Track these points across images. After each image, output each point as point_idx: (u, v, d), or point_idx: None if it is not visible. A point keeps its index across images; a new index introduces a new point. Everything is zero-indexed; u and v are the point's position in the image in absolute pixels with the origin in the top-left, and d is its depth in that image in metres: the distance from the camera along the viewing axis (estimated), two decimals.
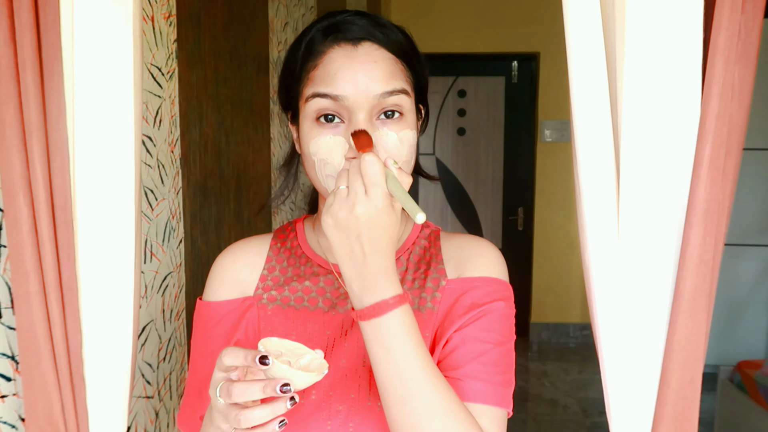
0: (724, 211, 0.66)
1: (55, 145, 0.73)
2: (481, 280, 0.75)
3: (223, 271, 0.82)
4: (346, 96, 0.68)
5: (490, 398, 0.68)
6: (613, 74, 0.67)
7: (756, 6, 0.64)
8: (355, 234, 0.60)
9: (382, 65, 0.70)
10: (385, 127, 0.70)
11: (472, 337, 0.71)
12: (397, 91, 0.70)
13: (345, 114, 0.69)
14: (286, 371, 0.57)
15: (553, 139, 4.11)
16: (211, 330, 0.78)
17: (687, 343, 0.67)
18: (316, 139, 0.70)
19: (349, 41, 0.70)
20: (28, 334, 0.74)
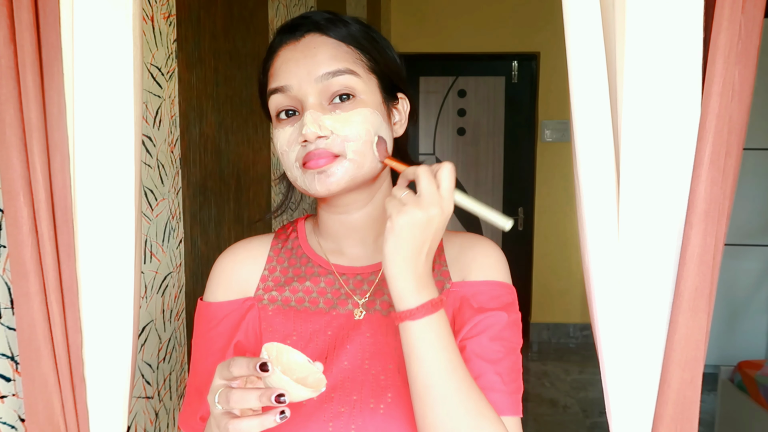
0: (724, 211, 0.66)
1: (55, 145, 0.73)
2: (485, 284, 0.75)
3: (223, 272, 0.81)
4: (291, 86, 0.71)
5: (506, 408, 0.69)
6: (613, 74, 0.67)
7: (756, 5, 0.64)
8: (425, 236, 0.64)
9: (323, 50, 0.72)
10: (337, 109, 0.71)
11: (487, 347, 0.71)
12: (341, 71, 0.71)
13: (297, 105, 0.72)
14: (285, 382, 0.57)
15: (553, 139, 4.11)
16: (212, 331, 0.78)
17: (687, 343, 0.67)
18: (277, 133, 0.73)
19: (293, 37, 0.74)
20: (28, 334, 0.74)
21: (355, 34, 0.74)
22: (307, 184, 0.72)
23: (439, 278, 0.77)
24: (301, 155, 0.71)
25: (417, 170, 0.66)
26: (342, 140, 0.70)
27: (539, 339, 4.31)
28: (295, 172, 0.73)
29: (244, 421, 0.57)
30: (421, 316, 0.63)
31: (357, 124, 0.70)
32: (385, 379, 0.71)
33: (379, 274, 0.78)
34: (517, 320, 0.75)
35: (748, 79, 0.65)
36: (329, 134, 0.69)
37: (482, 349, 0.70)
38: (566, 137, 4.08)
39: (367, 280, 0.78)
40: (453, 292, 0.75)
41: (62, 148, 0.73)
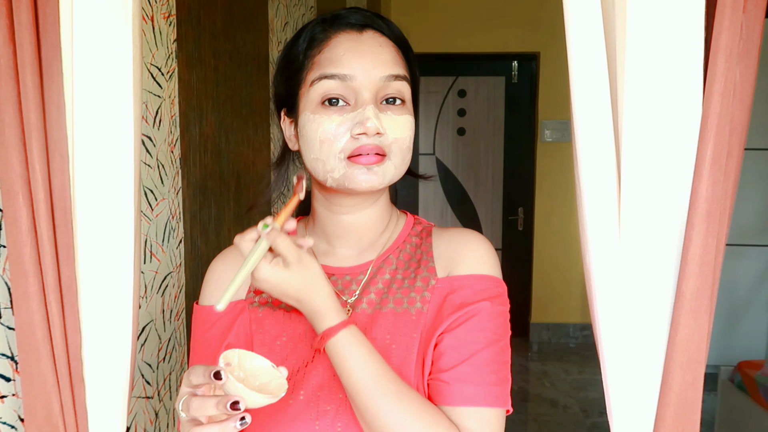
0: (725, 211, 0.66)
1: (55, 145, 0.73)
2: (470, 278, 0.75)
3: (216, 276, 0.83)
4: (354, 76, 0.70)
5: (480, 399, 0.69)
6: (613, 74, 0.67)
7: (757, 5, 0.64)
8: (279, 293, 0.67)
9: (387, 50, 0.72)
10: (389, 110, 0.72)
11: (463, 338, 0.71)
12: (400, 76, 0.72)
13: (351, 96, 0.71)
14: (240, 390, 0.58)
15: (553, 139, 4.11)
16: (206, 333, 0.79)
17: (689, 344, 0.66)
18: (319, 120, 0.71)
19: (353, 27, 0.73)
20: (28, 334, 0.74)
21: (405, 43, 0.76)
22: (349, 176, 0.71)
23: (424, 275, 0.77)
24: (351, 147, 0.70)
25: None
26: (392, 142, 0.71)
27: (539, 339, 4.30)
28: (335, 164, 0.71)
29: (206, 428, 0.59)
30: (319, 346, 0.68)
31: (405, 129, 0.72)
32: None
33: (367, 272, 0.78)
34: (503, 312, 0.75)
35: (749, 79, 0.65)
36: (384, 133, 0.70)
37: (457, 342, 0.71)
38: (566, 137, 4.08)
39: (356, 280, 0.78)
40: (438, 288, 0.75)
41: (61, 148, 0.73)
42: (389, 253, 0.80)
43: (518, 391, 3.54)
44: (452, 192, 4.25)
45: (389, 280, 0.77)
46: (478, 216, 4.25)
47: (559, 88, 4.03)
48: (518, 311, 4.33)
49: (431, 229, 0.83)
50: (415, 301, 0.75)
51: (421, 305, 0.75)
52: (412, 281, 0.77)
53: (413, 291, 0.76)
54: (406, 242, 0.81)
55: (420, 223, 0.84)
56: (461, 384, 0.69)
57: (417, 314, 0.74)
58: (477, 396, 0.69)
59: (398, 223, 0.83)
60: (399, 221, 0.83)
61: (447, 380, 0.69)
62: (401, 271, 0.78)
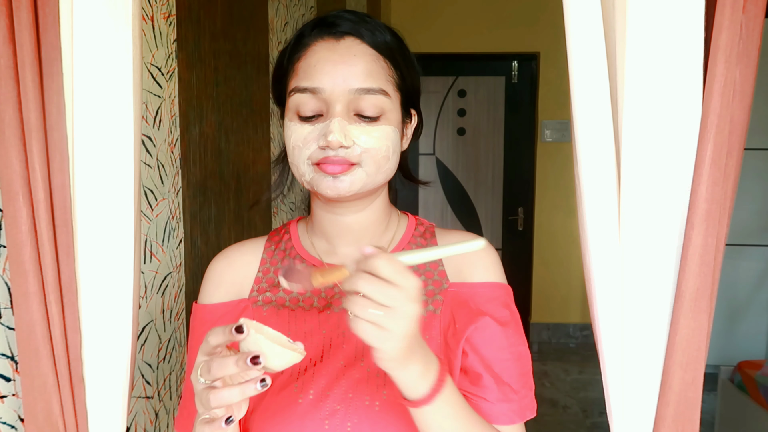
0: (725, 211, 0.66)
1: (55, 145, 0.73)
2: (483, 285, 0.77)
3: (217, 275, 0.82)
4: (323, 89, 0.70)
5: (517, 416, 0.73)
6: (613, 74, 0.67)
7: (757, 5, 0.64)
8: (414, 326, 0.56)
9: (362, 60, 0.71)
10: (362, 122, 0.71)
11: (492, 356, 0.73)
12: (374, 90, 0.70)
13: (323, 107, 0.71)
14: (261, 343, 0.56)
15: (553, 139, 4.11)
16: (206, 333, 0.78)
17: (688, 344, 0.66)
18: (293, 126, 0.72)
19: (332, 35, 0.72)
20: (27, 334, 0.74)
21: (392, 48, 0.74)
22: (316, 184, 0.72)
23: (436, 278, 0.77)
24: (317, 156, 0.71)
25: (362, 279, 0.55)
26: (362, 151, 0.70)
27: (539, 339, 4.30)
28: (305, 169, 0.72)
29: (224, 390, 0.56)
30: (433, 399, 0.60)
31: (379, 139, 0.71)
32: (381, 377, 0.72)
33: None
34: (518, 319, 0.77)
35: (749, 79, 0.65)
36: (351, 144, 0.70)
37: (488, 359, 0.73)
38: (566, 137, 4.08)
39: None
40: (450, 293, 0.76)
41: (61, 148, 0.73)
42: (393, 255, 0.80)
43: None
44: (452, 192, 4.25)
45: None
46: (478, 216, 4.25)
47: (559, 88, 4.03)
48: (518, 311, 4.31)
49: (434, 230, 0.83)
50: (427, 304, 0.76)
51: (434, 308, 0.75)
52: (423, 284, 0.77)
53: (424, 294, 0.76)
54: (411, 243, 0.81)
55: (422, 223, 0.84)
56: (503, 404, 0.72)
57: (429, 317, 0.75)
58: (514, 413, 0.73)
59: (400, 224, 0.83)
60: (401, 222, 0.83)
61: (488, 398, 0.73)
62: None
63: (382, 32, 0.73)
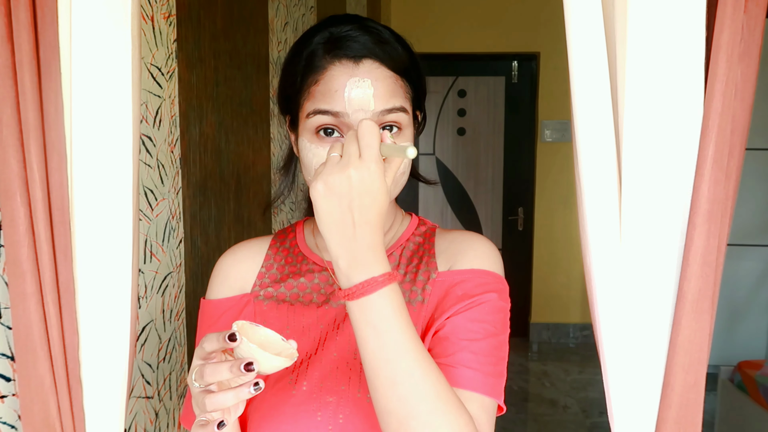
0: (727, 212, 0.66)
1: (53, 144, 0.73)
2: (472, 272, 0.76)
3: (224, 271, 0.84)
4: (346, 113, 0.69)
5: (480, 386, 0.68)
6: (614, 73, 0.66)
7: (758, 5, 0.64)
8: (347, 200, 0.59)
9: (383, 84, 0.70)
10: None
11: (464, 326, 0.71)
12: (396, 109, 0.71)
13: (345, 129, 0.70)
14: (254, 350, 0.58)
15: (553, 139, 4.11)
16: (211, 327, 0.81)
17: (690, 345, 0.66)
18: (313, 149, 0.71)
19: (350, 58, 0.70)
20: (25, 335, 0.74)
21: (407, 65, 0.74)
22: None
23: (425, 269, 0.78)
24: None
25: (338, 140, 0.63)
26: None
27: (539, 339, 4.30)
28: None
29: (220, 394, 0.58)
30: (356, 297, 0.59)
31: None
32: None
33: None
34: (504, 308, 0.75)
35: (750, 79, 0.65)
36: None
37: (459, 329, 0.71)
38: (566, 137, 4.08)
39: None
40: (438, 282, 0.77)
41: (59, 147, 0.73)
42: (392, 251, 0.81)
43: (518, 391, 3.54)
44: (452, 192, 4.24)
45: None
46: (478, 216, 4.25)
47: (559, 88, 4.03)
48: (518, 311, 4.33)
49: (435, 230, 0.84)
50: (416, 294, 0.76)
51: (422, 298, 0.76)
52: (414, 276, 0.78)
53: (415, 285, 0.77)
54: (410, 240, 0.83)
55: (425, 224, 0.86)
56: (464, 369, 0.69)
57: (418, 307, 0.76)
58: (478, 382, 0.68)
59: (402, 224, 0.85)
60: (404, 222, 0.85)
61: (449, 363, 0.69)
62: (403, 266, 0.80)
63: (396, 49, 0.73)
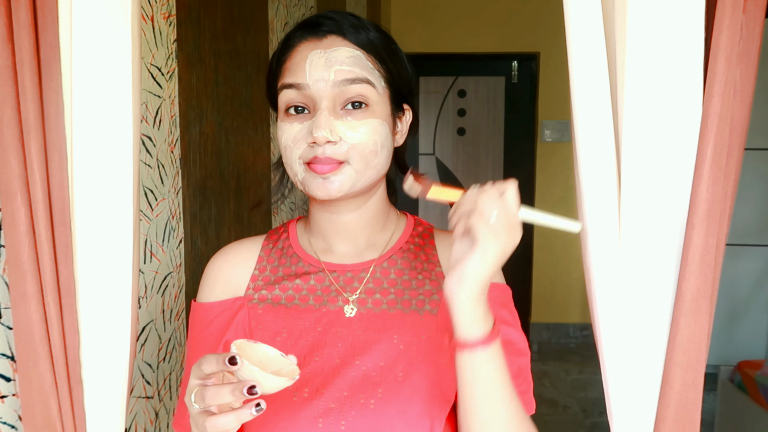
0: (725, 211, 0.66)
1: (53, 144, 0.73)
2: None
3: (215, 273, 0.82)
4: (307, 84, 0.71)
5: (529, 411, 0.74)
6: (614, 74, 0.67)
7: (757, 5, 0.64)
8: (500, 261, 0.62)
9: (344, 54, 0.72)
10: (349, 116, 0.71)
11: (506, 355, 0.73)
12: (359, 79, 0.71)
13: (310, 103, 0.72)
14: (256, 373, 0.58)
15: (553, 139, 4.11)
16: (204, 331, 0.79)
17: (689, 344, 0.66)
18: (284, 127, 0.73)
19: (315, 35, 0.73)
20: (26, 335, 0.74)
21: (376, 44, 0.74)
22: (307, 185, 0.73)
23: (433, 278, 0.78)
24: (307, 155, 0.72)
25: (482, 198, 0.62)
26: (349, 147, 0.71)
27: (539, 339, 4.30)
28: (297, 168, 0.73)
29: (221, 417, 0.57)
30: (489, 343, 0.63)
31: (366, 133, 0.72)
32: (376, 376, 0.71)
33: (369, 271, 0.78)
34: (516, 319, 0.79)
35: (749, 79, 0.65)
36: (338, 140, 0.70)
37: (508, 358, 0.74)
38: (566, 137, 4.08)
39: (357, 278, 0.78)
40: None
41: (60, 148, 0.73)
42: (392, 254, 0.80)
43: None
44: None
45: (395, 280, 0.78)
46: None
47: (559, 88, 4.02)
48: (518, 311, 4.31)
49: (432, 231, 0.83)
50: (424, 304, 0.76)
51: (431, 308, 0.75)
52: (421, 283, 0.77)
53: (422, 293, 0.76)
54: (409, 243, 0.81)
55: (421, 224, 0.84)
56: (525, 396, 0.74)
57: (426, 317, 0.75)
58: (531, 404, 0.75)
59: (398, 224, 0.83)
60: (399, 222, 0.84)
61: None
62: (407, 271, 0.78)
63: (365, 29, 0.74)
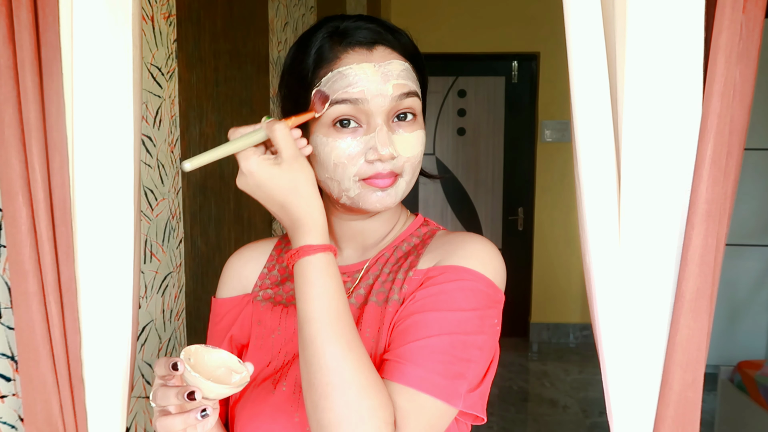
0: (725, 211, 0.66)
1: (54, 145, 0.73)
2: (451, 268, 0.70)
3: (231, 271, 0.86)
4: (365, 99, 0.68)
5: (415, 382, 0.64)
6: (613, 74, 0.67)
7: (757, 5, 0.64)
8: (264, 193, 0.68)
9: (397, 67, 0.71)
10: (400, 128, 0.71)
11: (419, 321, 0.67)
12: (411, 93, 0.71)
13: (363, 117, 0.70)
14: (198, 380, 0.61)
15: (553, 139, 4.11)
16: (217, 326, 0.83)
17: (689, 344, 0.66)
18: (333, 143, 0.70)
19: (363, 45, 0.70)
20: (27, 335, 0.74)
21: (414, 53, 0.74)
22: (364, 198, 0.71)
23: (406, 268, 0.74)
24: (366, 171, 0.70)
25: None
26: (404, 161, 0.71)
27: (539, 339, 4.30)
28: (349, 185, 0.71)
29: (168, 418, 0.61)
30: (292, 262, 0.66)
31: (416, 146, 0.72)
32: None
33: (362, 270, 0.78)
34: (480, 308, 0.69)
35: (749, 79, 0.65)
36: (398, 155, 0.70)
37: (412, 324, 0.67)
38: (566, 137, 4.08)
39: (351, 278, 0.79)
40: (415, 280, 0.72)
41: (61, 148, 0.73)
42: (385, 251, 0.79)
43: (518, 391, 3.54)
44: (452, 192, 4.25)
45: (377, 275, 0.77)
46: (478, 216, 4.25)
47: (559, 88, 4.03)
48: (518, 311, 4.33)
49: (436, 233, 0.80)
50: (393, 293, 0.73)
51: (398, 297, 0.72)
52: (395, 275, 0.75)
53: (394, 284, 0.74)
54: (405, 241, 0.80)
55: (428, 225, 0.82)
56: (403, 363, 0.65)
57: (392, 306, 0.72)
58: (414, 378, 0.64)
59: (404, 224, 0.82)
60: (406, 222, 0.82)
61: (391, 357, 0.67)
62: (390, 265, 0.77)
63: (404, 37, 0.74)
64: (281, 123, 0.66)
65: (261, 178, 0.66)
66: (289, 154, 0.65)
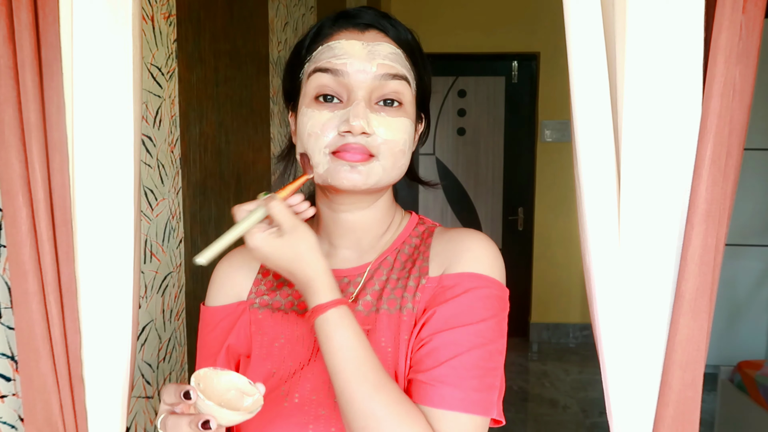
0: (725, 212, 0.66)
1: (54, 145, 0.73)
2: (462, 276, 0.71)
3: (221, 277, 0.83)
4: (346, 72, 0.69)
5: (457, 404, 0.66)
6: (613, 74, 0.67)
7: (757, 5, 0.64)
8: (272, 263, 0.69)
9: (386, 49, 0.71)
10: (383, 112, 0.71)
11: (447, 339, 0.68)
12: (399, 76, 0.71)
13: (344, 93, 0.70)
14: (212, 408, 0.59)
15: (553, 139, 4.11)
16: (210, 335, 0.80)
17: (688, 344, 0.67)
18: (310, 113, 0.71)
19: (356, 26, 0.73)
20: (27, 334, 0.74)
21: (412, 46, 0.75)
22: (332, 173, 0.70)
23: (417, 275, 0.75)
24: (336, 143, 0.70)
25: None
26: (381, 142, 0.70)
27: (539, 339, 4.30)
28: (320, 158, 0.71)
29: None
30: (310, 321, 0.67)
31: (398, 131, 0.71)
32: None
33: (364, 275, 0.77)
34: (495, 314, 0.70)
35: (748, 79, 0.65)
36: (372, 133, 0.70)
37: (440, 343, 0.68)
38: (566, 137, 4.08)
39: (353, 282, 0.77)
40: (428, 288, 0.73)
41: (61, 148, 0.73)
42: (387, 255, 0.78)
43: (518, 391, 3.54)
44: (452, 192, 4.25)
45: (385, 281, 0.76)
46: (478, 216, 4.25)
47: (559, 88, 4.03)
48: (518, 311, 4.33)
49: (434, 230, 0.80)
50: (407, 302, 0.73)
51: (412, 306, 0.72)
52: (405, 281, 0.75)
53: (406, 291, 0.74)
54: (406, 243, 0.79)
55: (424, 223, 0.82)
56: (440, 386, 0.66)
57: (408, 315, 0.72)
58: (454, 400, 0.66)
59: (401, 224, 0.81)
60: (402, 222, 0.82)
61: (425, 380, 0.67)
62: (396, 271, 0.76)
63: (403, 29, 0.75)
64: (276, 199, 0.68)
65: (266, 252, 0.67)
66: (289, 226, 0.67)
